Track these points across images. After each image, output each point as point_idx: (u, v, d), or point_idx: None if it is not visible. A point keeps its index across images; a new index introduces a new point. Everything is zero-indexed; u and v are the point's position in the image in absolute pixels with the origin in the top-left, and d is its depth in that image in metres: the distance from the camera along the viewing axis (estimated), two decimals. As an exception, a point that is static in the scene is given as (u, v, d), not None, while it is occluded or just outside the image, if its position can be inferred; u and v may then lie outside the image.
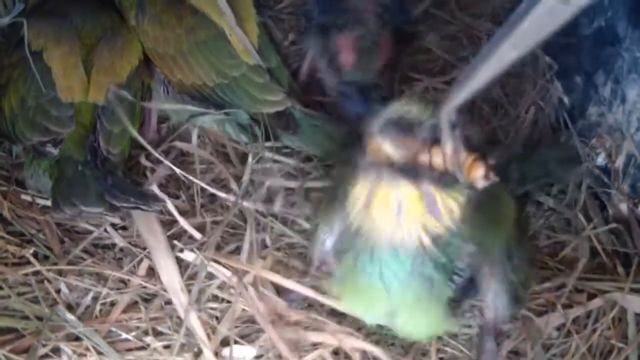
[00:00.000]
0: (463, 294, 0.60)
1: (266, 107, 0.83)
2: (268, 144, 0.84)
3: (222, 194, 0.80)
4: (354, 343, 0.68)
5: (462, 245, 0.56)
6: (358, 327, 0.70)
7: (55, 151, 0.77)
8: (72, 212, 0.71)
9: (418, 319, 0.61)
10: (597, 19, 0.89)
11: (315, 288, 0.70)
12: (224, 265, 0.73)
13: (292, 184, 0.82)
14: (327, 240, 0.60)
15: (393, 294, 0.58)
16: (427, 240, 0.54)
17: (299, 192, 0.80)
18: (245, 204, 0.79)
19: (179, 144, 0.87)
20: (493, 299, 0.61)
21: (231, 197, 0.80)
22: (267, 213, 0.78)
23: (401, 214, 0.53)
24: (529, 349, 0.70)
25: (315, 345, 0.69)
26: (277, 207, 0.77)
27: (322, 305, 0.71)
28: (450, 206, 0.53)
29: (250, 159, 0.82)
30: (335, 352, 0.69)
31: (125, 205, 0.72)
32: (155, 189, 0.78)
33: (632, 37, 0.81)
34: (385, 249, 0.56)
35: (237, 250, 0.76)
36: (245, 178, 0.81)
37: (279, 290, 0.73)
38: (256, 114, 0.84)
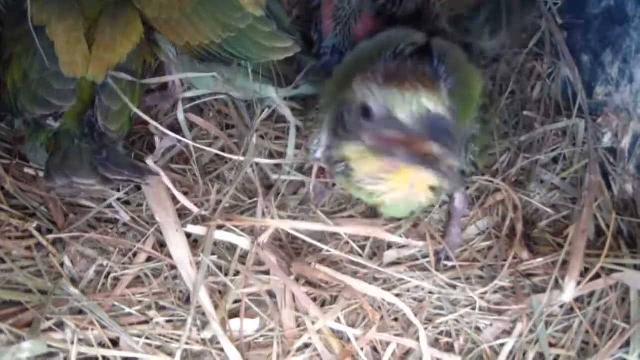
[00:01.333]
0: None
1: (276, 54, 0.82)
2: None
3: (232, 156, 0.81)
4: (375, 294, 0.72)
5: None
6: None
7: (56, 124, 0.76)
8: (63, 183, 0.70)
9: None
10: (607, -3, 0.88)
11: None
12: (235, 233, 0.74)
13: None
14: (316, 151, 0.67)
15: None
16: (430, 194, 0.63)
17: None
18: (256, 160, 0.80)
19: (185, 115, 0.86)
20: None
21: (241, 157, 0.80)
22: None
23: (414, 186, 0.61)
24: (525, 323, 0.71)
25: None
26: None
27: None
28: None
29: (258, 113, 0.83)
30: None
31: (118, 178, 0.72)
32: (150, 162, 0.77)
33: (641, 17, 0.80)
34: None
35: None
36: (252, 140, 0.80)
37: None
38: (267, 65, 0.83)
